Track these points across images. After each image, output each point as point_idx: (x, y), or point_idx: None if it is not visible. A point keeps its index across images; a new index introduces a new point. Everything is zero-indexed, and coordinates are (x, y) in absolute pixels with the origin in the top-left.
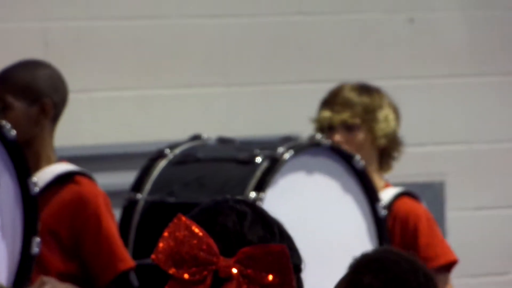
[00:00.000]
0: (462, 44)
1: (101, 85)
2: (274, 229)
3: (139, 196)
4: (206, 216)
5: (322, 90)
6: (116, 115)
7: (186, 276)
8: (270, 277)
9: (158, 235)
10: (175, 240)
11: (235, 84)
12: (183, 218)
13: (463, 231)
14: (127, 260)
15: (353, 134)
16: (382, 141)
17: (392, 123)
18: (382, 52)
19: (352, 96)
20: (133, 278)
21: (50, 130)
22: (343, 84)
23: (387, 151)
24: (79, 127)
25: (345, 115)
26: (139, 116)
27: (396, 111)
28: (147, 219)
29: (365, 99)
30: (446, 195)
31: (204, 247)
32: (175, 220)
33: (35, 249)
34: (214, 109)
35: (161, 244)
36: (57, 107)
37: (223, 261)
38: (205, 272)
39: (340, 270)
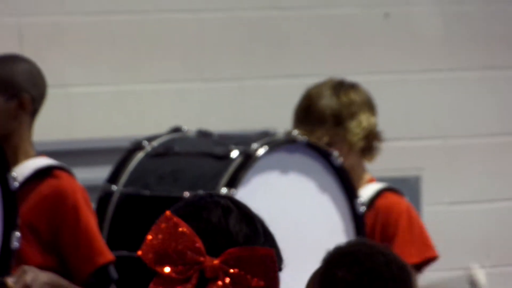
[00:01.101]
0: (437, 39)
1: (78, 80)
2: (258, 227)
3: (114, 187)
4: (191, 211)
5: (298, 85)
6: (93, 110)
7: (172, 274)
8: (255, 279)
9: (132, 227)
10: (163, 237)
11: (212, 79)
12: (171, 215)
13: (439, 225)
14: (106, 253)
15: (329, 145)
16: (360, 144)
17: (365, 123)
18: (358, 47)
19: (322, 109)
20: (113, 271)
21: (29, 125)
22: (311, 93)
23: (367, 147)
24: (55, 122)
25: (318, 134)
26: (116, 111)
27: (370, 105)
28: (122, 211)
29: (334, 108)
30: (421, 190)
31: (192, 246)
32: (163, 217)
33: (15, 244)
34: (191, 104)
35: (148, 241)
36: (36, 102)
37: (209, 261)
38: (191, 271)
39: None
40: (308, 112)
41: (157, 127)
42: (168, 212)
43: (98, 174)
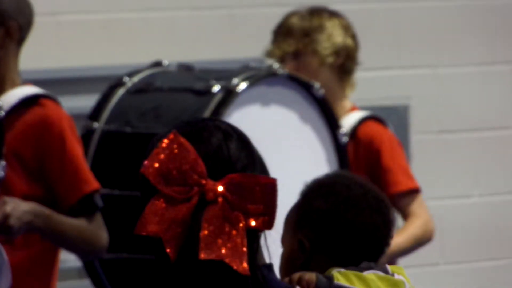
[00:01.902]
0: None
1: (67, 8)
2: (255, 158)
3: (96, 125)
4: (193, 132)
5: (288, 12)
6: (82, 38)
7: (173, 193)
8: (254, 206)
9: (114, 165)
10: (168, 156)
11: (201, 8)
12: (177, 135)
13: (427, 154)
14: (92, 182)
15: (299, 61)
16: (331, 59)
17: (338, 38)
18: None
19: (292, 23)
20: (98, 199)
21: (15, 53)
22: (289, 13)
23: (344, 68)
24: (44, 50)
25: (285, 45)
26: (105, 39)
27: (347, 27)
28: (104, 148)
29: (304, 23)
30: (410, 118)
31: (195, 167)
32: (168, 136)
33: (1, 173)
34: (180, 33)
35: (151, 158)
36: (23, 30)
37: (211, 184)
38: (192, 192)
39: None
40: (279, 27)
41: (146, 56)
42: (174, 131)
43: (87, 102)
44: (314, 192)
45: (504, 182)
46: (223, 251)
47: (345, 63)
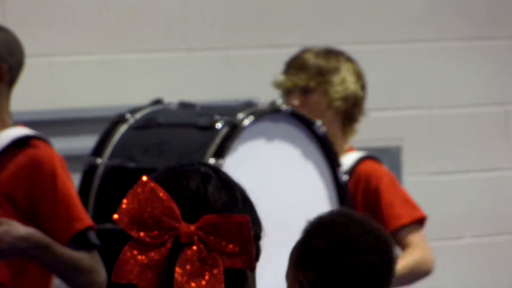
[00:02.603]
0: (421, 9)
1: (61, 50)
2: (237, 195)
3: (99, 160)
4: (171, 178)
5: (283, 55)
6: (76, 80)
7: (146, 238)
8: (230, 246)
9: (118, 200)
10: (139, 201)
11: (196, 49)
12: (148, 180)
13: (420, 196)
14: (85, 219)
15: (308, 97)
16: (339, 104)
17: (350, 86)
18: (342, 17)
19: (308, 59)
20: (93, 237)
21: (6, 94)
22: (305, 49)
23: (348, 114)
24: (38, 92)
25: (297, 78)
26: (99, 81)
27: (359, 74)
28: (107, 183)
29: (320, 62)
30: (403, 160)
31: (167, 211)
32: (140, 182)
33: None
34: (175, 74)
35: (124, 205)
36: (13, 71)
37: (184, 226)
38: (166, 236)
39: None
40: (295, 59)
41: (141, 97)
42: (145, 177)
43: (80, 144)
44: (314, 231)
45: (497, 224)
46: None
47: (351, 110)
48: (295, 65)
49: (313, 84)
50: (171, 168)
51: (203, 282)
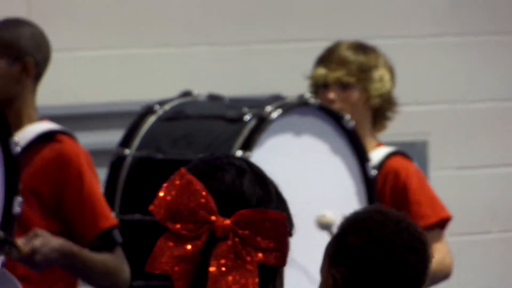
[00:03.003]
0: (445, 3)
1: (85, 44)
2: (271, 191)
3: (127, 151)
4: (206, 170)
5: (305, 49)
6: (99, 74)
7: (182, 231)
8: (266, 242)
9: (145, 191)
10: (176, 194)
11: (218, 43)
12: (185, 172)
13: (446, 190)
14: (110, 218)
15: (347, 93)
16: (376, 101)
17: (387, 83)
18: (366, 11)
19: (348, 54)
20: (117, 235)
21: (32, 89)
22: (339, 42)
23: (381, 111)
24: (62, 86)
25: (340, 73)
26: (122, 75)
27: (392, 71)
28: (135, 174)
29: (361, 58)
30: (429, 154)
31: (203, 204)
32: (177, 173)
33: (17, 209)
34: (197, 68)
35: (160, 196)
36: (39, 66)
37: (220, 220)
38: (202, 230)
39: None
40: (333, 53)
41: (163, 91)
42: (182, 169)
43: (104, 138)
44: (349, 227)
45: None
46: (232, 287)
47: (384, 107)
48: (334, 59)
49: (354, 80)
50: (206, 160)
51: (237, 277)
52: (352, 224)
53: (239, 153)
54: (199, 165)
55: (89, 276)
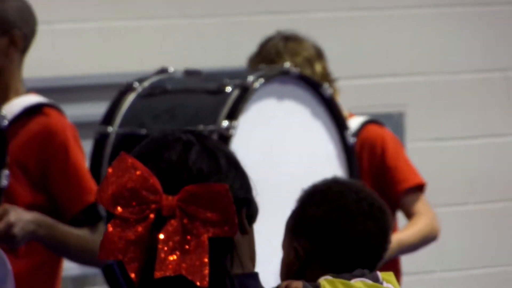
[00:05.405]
0: None
1: (62, 17)
2: (220, 162)
3: (110, 129)
4: (152, 150)
5: (283, 21)
6: (77, 47)
7: (126, 214)
8: (212, 215)
9: None
10: (118, 178)
11: (195, 16)
12: (125, 155)
13: (423, 162)
14: (94, 192)
15: None
16: None
17: (318, 71)
18: None
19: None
20: (101, 209)
21: (19, 62)
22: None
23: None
24: (40, 59)
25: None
26: (99, 48)
27: (320, 54)
28: (119, 151)
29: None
30: (405, 126)
31: (146, 185)
32: (119, 158)
33: (4, 182)
34: (174, 41)
35: (103, 183)
36: (27, 38)
37: (165, 199)
38: (148, 211)
39: None
40: (259, 55)
41: (141, 64)
42: (123, 153)
43: (82, 110)
44: (308, 199)
45: (500, 190)
46: (182, 265)
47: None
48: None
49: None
50: (153, 139)
51: (187, 253)
52: (311, 196)
53: (225, 123)
54: (144, 145)
55: (67, 250)
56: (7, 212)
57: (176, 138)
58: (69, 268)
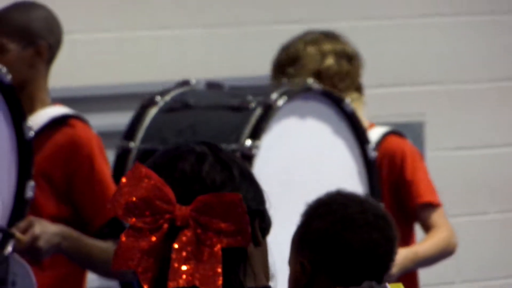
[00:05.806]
0: None
1: (80, 27)
2: (233, 173)
3: (132, 144)
4: (166, 161)
5: (301, 30)
6: (94, 57)
7: (139, 224)
8: (225, 225)
9: None
10: (132, 188)
11: (212, 25)
12: (139, 165)
13: (443, 171)
14: None
15: None
16: (341, 85)
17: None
18: None
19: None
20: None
21: (45, 73)
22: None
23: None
24: (58, 69)
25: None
26: (117, 58)
27: (342, 54)
28: None
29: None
30: (425, 135)
31: (160, 195)
32: (133, 168)
33: (29, 193)
34: (192, 50)
35: (117, 193)
36: (52, 49)
37: (179, 209)
38: (161, 221)
39: None
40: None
41: (161, 73)
42: (137, 163)
43: (101, 121)
44: (313, 212)
45: None
46: (195, 275)
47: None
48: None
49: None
50: (167, 150)
51: (201, 263)
52: (315, 209)
53: (248, 142)
54: (158, 156)
55: (91, 263)
56: (32, 224)
57: (190, 149)
58: (90, 280)
